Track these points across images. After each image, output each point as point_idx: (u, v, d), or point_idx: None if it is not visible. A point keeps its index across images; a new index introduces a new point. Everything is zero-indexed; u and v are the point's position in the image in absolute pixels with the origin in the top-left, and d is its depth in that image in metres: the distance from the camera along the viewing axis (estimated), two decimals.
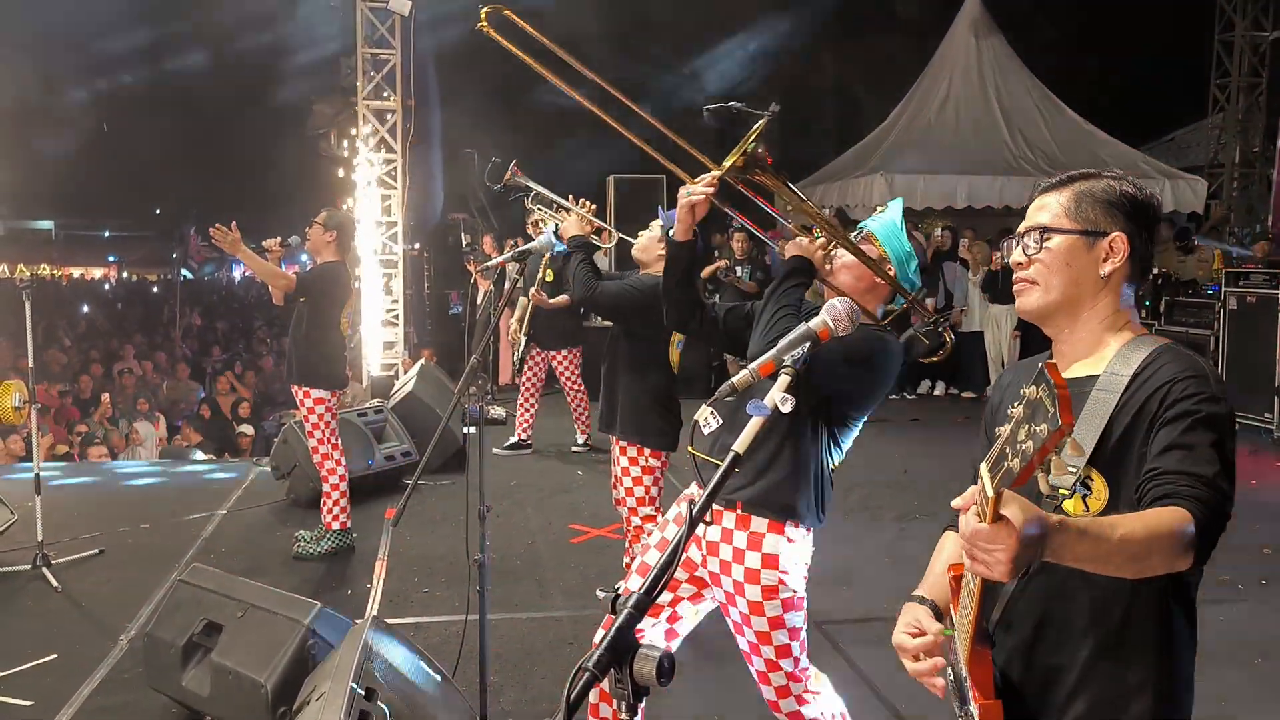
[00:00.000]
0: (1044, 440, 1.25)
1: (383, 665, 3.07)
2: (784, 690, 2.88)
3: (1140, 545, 1.45)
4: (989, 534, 1.36)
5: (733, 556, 2.78)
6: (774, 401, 1.57)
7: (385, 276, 10.92)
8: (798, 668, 2.86)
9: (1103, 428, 1.65)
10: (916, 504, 6.80)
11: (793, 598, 2.79)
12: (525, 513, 6.60)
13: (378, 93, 10.65)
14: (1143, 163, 12.90)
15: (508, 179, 4.27)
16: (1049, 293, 1.76)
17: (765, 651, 2.83)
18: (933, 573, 1.97)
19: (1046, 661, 1.72)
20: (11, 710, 3.90)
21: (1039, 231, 1.77)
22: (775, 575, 2.75)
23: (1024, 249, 1.79)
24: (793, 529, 2.77)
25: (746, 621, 2.80)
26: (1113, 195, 1.76)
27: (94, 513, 6.51)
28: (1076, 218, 1.76)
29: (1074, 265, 1.74)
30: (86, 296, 25.93)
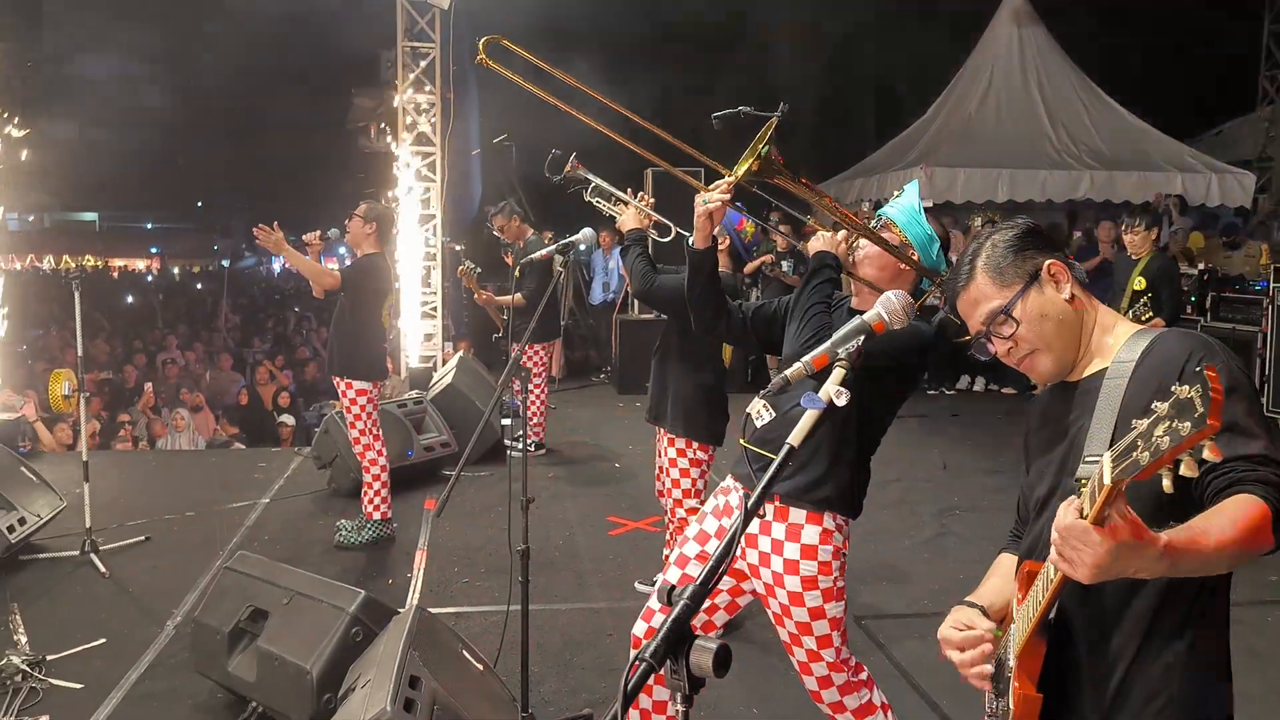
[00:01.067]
0: (1185, 437, 1.24)
1: (426, 653, 3.09)
2: (826, 681, 2.88)
3: (1236, 546, 1.47)
4: (1082, 532, 1.38)
5: (771, 548, 2.79)
6: (829, 395, 1.56)
7: (424, 269, 10.99)
8: (839, 658, 2.86)
9: (1117, 412, 1.66)
10: (956, 499, 6.75)
11: (832, 588, 2.80)
12: (563, 505, 6.63)
13: (417, 86, 10.71)
14: (1189, 156, 12.69)
15: (568, 171, 4.27)
16: (1052, 349, 1.80)
17: (806, 642, 2.83)
18: (985, 585, 1.98)
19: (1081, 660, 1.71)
20: (62, 693, 3.98)
21: (1000, 316, 1.80)
22: (814, 566, 2.75)
23: (1000, 338, 1.82)
24: (830, 520, 2.78)
25: (786, 613, 2.81)
26: (1008, 245, 1.83)
27: (140, 500, 6.62)
28: (1008, 282, 1.81)
29: (1048, 313, 1.79)
30: (130, 287, 26.32)
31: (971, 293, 1.84)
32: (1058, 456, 1.79)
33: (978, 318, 1.84)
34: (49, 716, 3.78)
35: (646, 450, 6.55)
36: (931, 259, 2.87)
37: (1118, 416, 1.66)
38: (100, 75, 24.19)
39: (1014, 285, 1.80)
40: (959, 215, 12.45)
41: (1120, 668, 1.67)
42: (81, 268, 27.31)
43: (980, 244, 1.87)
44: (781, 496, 2.78)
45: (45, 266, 33.26)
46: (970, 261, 1.86)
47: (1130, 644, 1.67)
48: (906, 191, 3.01)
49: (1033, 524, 1.86)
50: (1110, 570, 1.39)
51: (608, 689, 4.03)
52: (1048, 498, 1.80)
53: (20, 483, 5.63)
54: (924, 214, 2.93)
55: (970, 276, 1.85)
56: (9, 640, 4.40)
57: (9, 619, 4.63)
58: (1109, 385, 1.70)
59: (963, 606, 1.89)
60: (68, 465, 6.86)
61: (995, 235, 1.86)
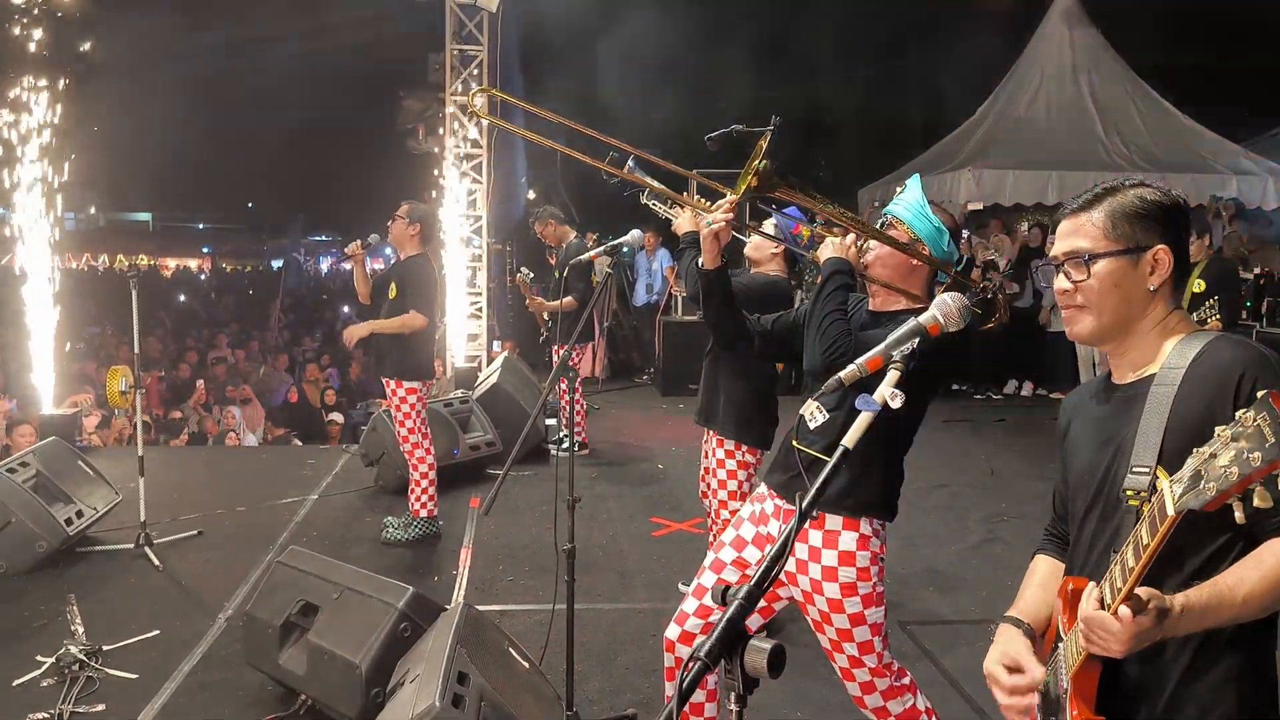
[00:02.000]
0: (1256, 468, 1.22)
1: (474, 650, 3.12)
2: (869, 686, 2.86)
3: (1264, 598, 1.51)
4: (1101, 623, 1.48)
5: (809, 555, 2.77)
6: (884, 397, 1.56)
7: (470, 270, 11.08)
8: (881, 663, 2.84)
9: (1165, 423, 1.63)
10: (1004, 505, 6.67)
11: (872, 594, 2.77)
12: (607, 505, 6.65)
13: (465, 88, 10.80)
14: (1245, 159, 12.41)
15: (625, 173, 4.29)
16: (1101, 317, 1.75)
17: (848, 649, 2.81)
18: (1024, 595, 1.95)
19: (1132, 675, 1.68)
20: (117, 683, 4.07)
21: (1082, 257, 1.73)
22: (853, 572, 2.73)
23: (1067, 276, 1.76)
24: (868, 525, 2.75)
25: (826, 620, 2.79)
26: (1145, 207, 1.74)
27: (192, 495, 6.74)
28: (1116, 237, 1.73)
29: (1122, 286, 1.73)
30: (184, 287, 26.80)
31: (1079, 221, 1.77)
32: (1102, 465, 1.76)
33: (1064, 246, 1.78)
34: (105, 705, 3.87)
35: (690, 452, 6.56)
36: (943, 250, 2.82)
37: (1166, 425, 1.63)
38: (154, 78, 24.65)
39: (1118, 243, 1.73)
40: (1007, 218, 12.30)
41: (1171, 682, 1.64)
42: (136, 267, 27.87)
43: (1123, 186, 1.78)
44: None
45: (100, 265, 34.00)
46: (1101, 195, 1.78)
47: (1181, 657, 1.64)
48: (909, 187, 2.95)
49: (1077, 538, 1.82)
50: (1140, 646, 1.48)
51: (651, 689, 4.04)
52: (1089, 509, 1.77)
53: (78, 476, 5.77)
54: (930, 207, 2.87)
55: (1089, 207, 1.77)
56: (66, 630, 4.51)
57: (66, 609, 4.74)
58: (1157, 393, 1.66)
59: (1009, 628, 1.85)
60: (123, 460, 7.00)
61: (1143, 188, 1.77)
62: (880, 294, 2.88)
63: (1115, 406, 1.76)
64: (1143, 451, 1.64)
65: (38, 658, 4.18)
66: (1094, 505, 1.77)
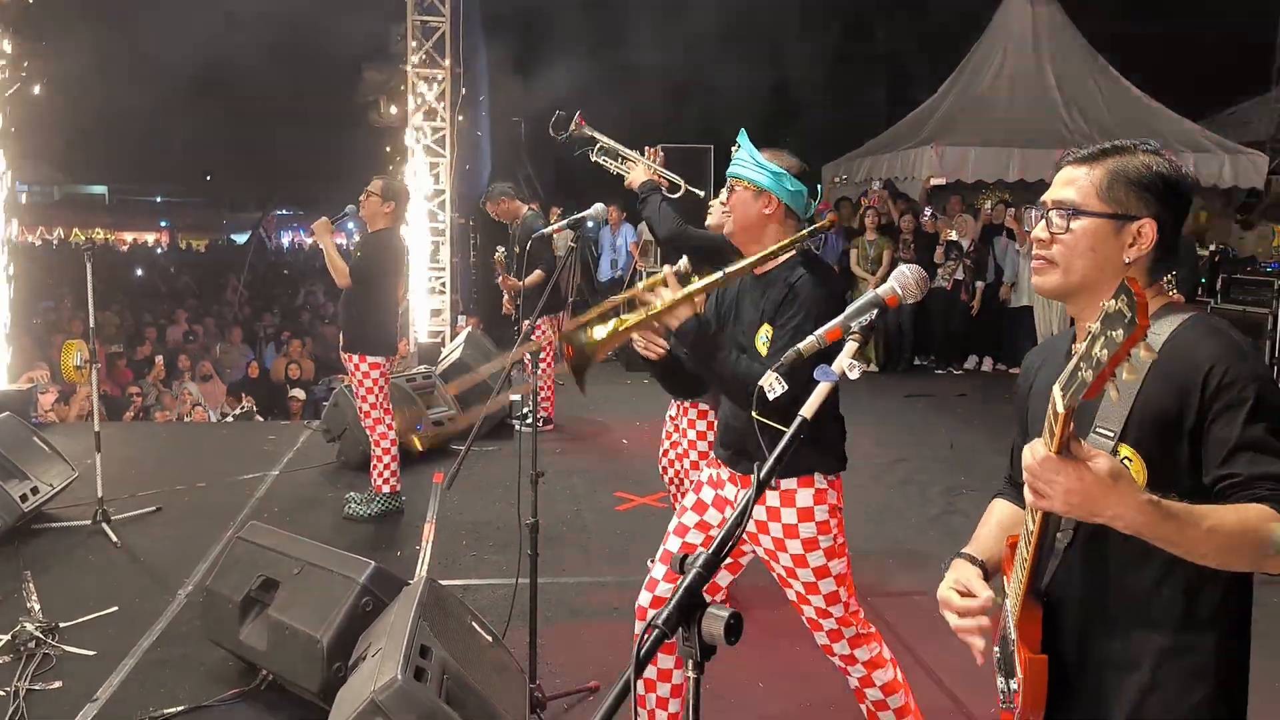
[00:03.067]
0: (1119, 344, 1.26)
1: (436, 624, 3.12)
2: (836, 634, 2.95)
3: (1228, 538, 1.46)
4: (1052, 464, 1.40)
5: (768, 515, 2.85)
6: (842, 368, 1.57)
7: (433, 245, 11.00)
8: (848, 611, 2.94)
9: (1134, 396, 1.61)
10: (963, 479, 6.76)
11: (833, 545, 2.86)
12: (570, 480, 6.65)
13: (428, 60, 10.67)
14: (1202, 136, 12.60)
15: (574, 130, 4.29)
16: (1069, 275, 1.70)
17: (814, 600, 2.91)
18: (980, 534, 1.97)
19: (1100, 647, 1.69)
20: (75, 659, 4.02)
21: (1067, 209, 1.70)
22: (813, 527, 2.82)
23: (1048, 224, 1.72)
24: (821, 479, 2.83)
25: (791, 574, 2.88)
26: (1146, 176, 1.68)
27: (151, 471, 6.66)
28: (1107, 199, 1.68)
29: (1098, 250, 1.68)
30: (141, 261, 26.36)
31: (1078, 173, 1.72)
32: None
33: (1055, 193, 1.73)
34: (62, 683, 3.83)
35: (653, 427, 6.57)
36: (785, 189, 2.82)
37: (1133, 403, 1.60)
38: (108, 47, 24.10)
39: (1107, 205, 1.68)
40: (969, 195, 12.40)
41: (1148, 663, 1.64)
42: (91, 240, 27.36)
43: (1135, 148, 1.72)
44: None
45: (55, 239, 33.33)
46: (1109, 151, 1.72)
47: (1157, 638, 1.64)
48: (740, 145, 2.93)
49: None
50: (1085, 504, 1.41)
51: (615, 661, 4.06)
52: None
53: (33, 452, 5.67)
54: (764, 154, 2.87)
55: (1091, 161, 1.72)
56: (22, 607, 4.45)
57: (22, 586, 4.68)
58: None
59: (962, 562, 1.86)
60: (79, 436, 6.90)
61: (1153, 157, 1.71)
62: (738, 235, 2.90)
63: None
64: (1108, 415, 1.62)
65: None
66: None
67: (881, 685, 2.99)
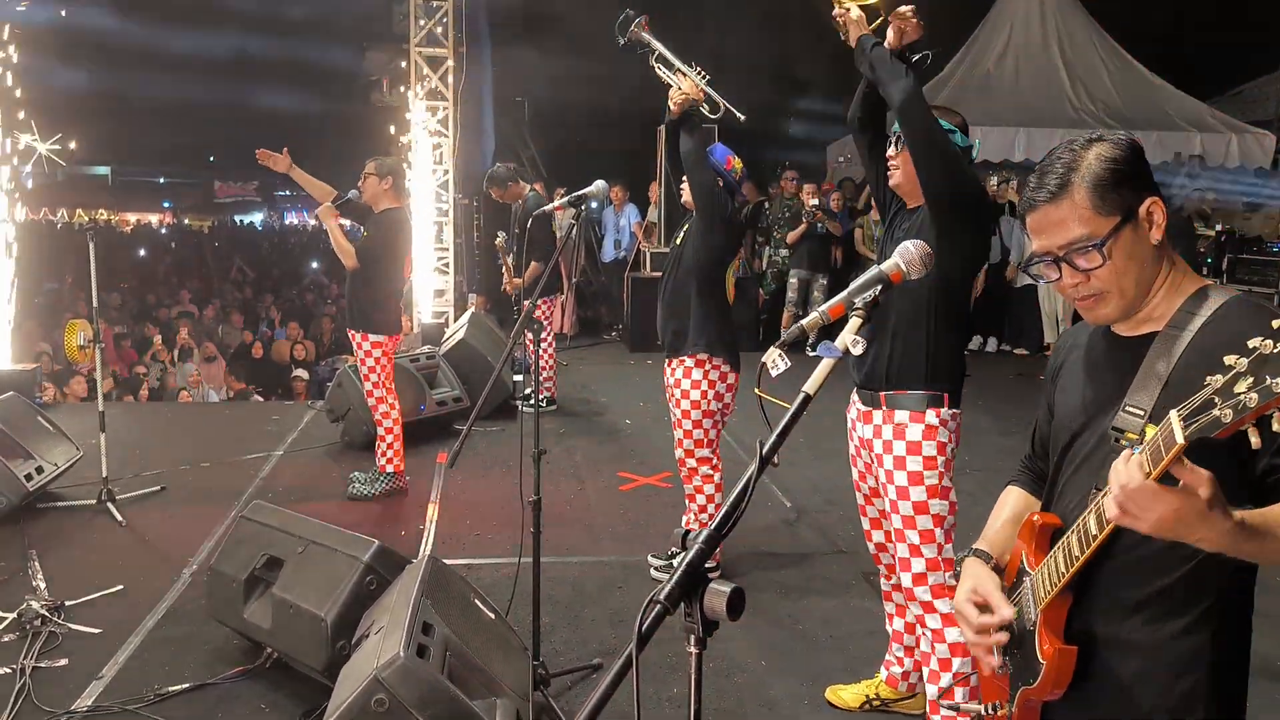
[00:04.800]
0: (1276, 394, 1.18)
1: (439, 601, 3.13)
2: (921, 578, 3.06)
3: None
4: (1151, 494, 1.35)
5: (883, 449, 3.06)
6: (845, 344, 1.56)
7: (436, 225, 10.97)
8: (940, 556, 3.04)
9: (1168, 373, 1.57)
10: (967, 458, 6.71)
11: (937, 485, 3.00)
12: (574, 460, 6.66)
13: (431, 39, 10.61)
14: (1209, 116, 12.52)
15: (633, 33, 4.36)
16: (1126, 295, 1.63)
17: (909, 536, 3.04)
18: (992, 527, 1.94)
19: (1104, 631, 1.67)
20: (80, 638, 4.04)
21: (1085, 245, 1.60)
22: (919, 461, 2.99)
23: (1073, 267, 1.63)
24: (933, 415, 3.00)
25: (894, 508, 3.04)
26: (1119, 167, 1.61)
27: (155, 451, 6.67)
28: (1110, 211, 1.60)
29: (1136, 255, 1.61)
30: (144, 242, 26.36)
31: (1062, 209, 1.61)
32: (1093, 403, 1.71)
33: (1058, 240, 1.62)
34: (67, 660, 3.85)
35: (658, 407, 6.56)
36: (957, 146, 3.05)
37: (1169, 375, 1.56)
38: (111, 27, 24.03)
39: (1112, 217, 1.60)
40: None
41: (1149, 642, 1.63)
42: (94, 221, 27.37)
43: (1080, 154, 1.63)
44: (887, 398, 3.04)
45: (59, 220, 33.31)
46: (1066, 173, 1.62)
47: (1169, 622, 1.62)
48: None
49: (1054, 475, 1.79)
50: (1175, 531, 1.38)
51: (617, 640, 4.08)
52: (1071, 445, 1.74)
53: (37, 432, 5.69)
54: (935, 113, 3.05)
55: (1065, 191, 1.61)
56: (28, 585, 4.47)
57: (28, 565, 4.70)
58: (1167, 336, 1.60)
59: (977, 564, 1.82)
60: (84, 415, 6.91)
61: (1102, 148, 1.63)
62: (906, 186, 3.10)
63: (1117, 352, 1.69)
64: (1140, 392, 1.58)
65: None
66: (1077, 442, 1.72)
67: (951, 644, 3.02)
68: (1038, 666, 1.66)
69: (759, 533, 5.28)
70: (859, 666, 3.78)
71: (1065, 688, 1.66)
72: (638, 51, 4.51)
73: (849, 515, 5.53)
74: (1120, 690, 1.65)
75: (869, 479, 3.25)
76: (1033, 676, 1.67)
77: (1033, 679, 1.67)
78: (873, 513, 3.34)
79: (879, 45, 2.99)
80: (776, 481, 6.10)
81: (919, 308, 2.98)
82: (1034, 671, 1.67)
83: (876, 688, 3.56)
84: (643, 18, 4.46)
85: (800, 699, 3.66)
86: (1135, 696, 1.64)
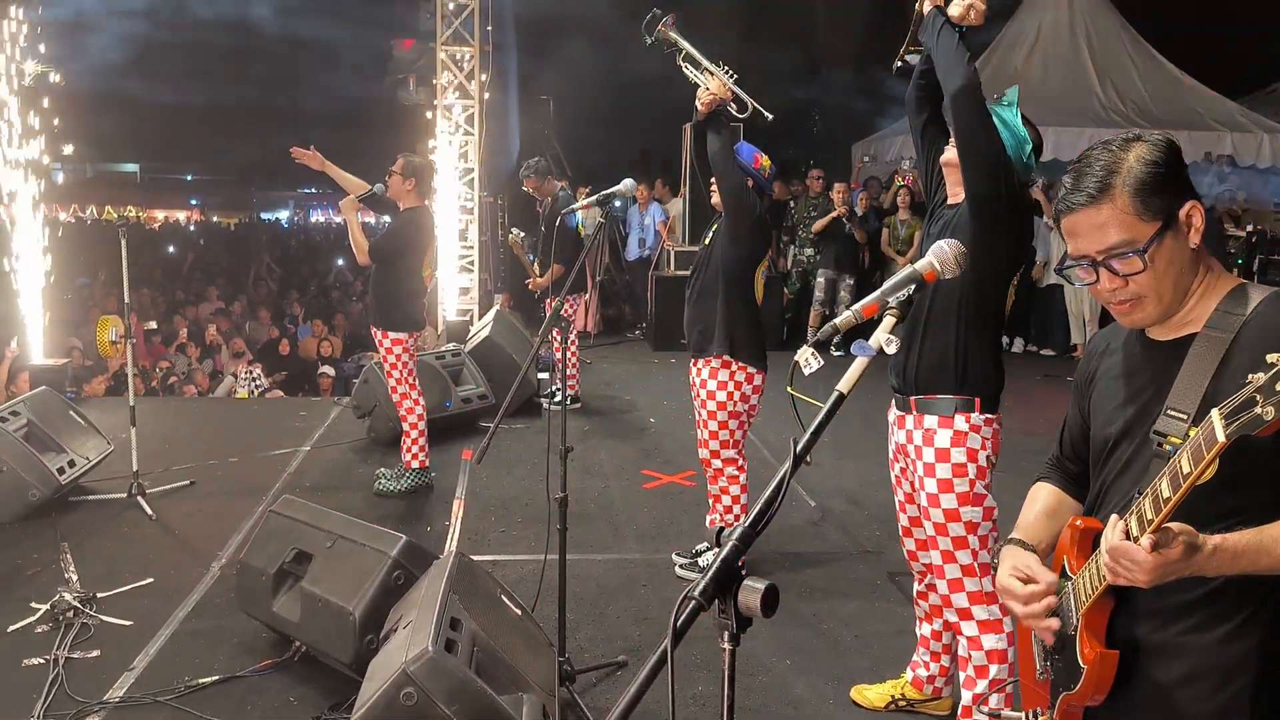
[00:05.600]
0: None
1: (466, 597, 3.15)
2: (957, 584, 3.02)
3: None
4: (1127, 553, 1.46)
5: (915, 454, 3.03)
6: (879, 343, 1.56)
7: (462, 223, 11.02)
8: (976, 561, 3.00)
9: (1214, 370, 1.55)
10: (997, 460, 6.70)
11: (968, 491, 2.95)
12: (598, 458, 6.67)
13: (456, 38, 10.65)
14: (1240, 115, 12.37)
15: (660, 31, 4.37)
16: (1163, 299, 1.62)
17: (942, 543, 3.01)
18: (1026, 519, 1.93)
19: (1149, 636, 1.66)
20: (112, 629, 4.09)
21: (1126, 251, 1.58)
22: (948, 469, 2.95)
23: (1110, 273, 1.61)
24: (962, 420, 2.95)
25: (926, 514, 3.01)
26: (1160, 170, 1.58)
27: (184, 446, 6.74)
28: (1153, 216, 1.58)
29: (1175, 261, 1.60)
30: (172, 239, 26.59)
31: (1104, 213, 1.58)
32: (1134, 407, 1.69)
33: (1097, 244, 1.60)
34: (100, 651, 3.90)
35: (682, 406, 6.58)
36: (1021, 162, 2.99)
37: (1214, 373, 1.55)
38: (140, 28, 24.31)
39: (1154, 221, 1.57)
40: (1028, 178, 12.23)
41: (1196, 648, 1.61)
42: (124, 218, 27.63)
43: (1119, 155, 1.60)
44: (917, 403, 3.01)
45: (88, 217, 33.68)
46: (1107, 175, 1.58)
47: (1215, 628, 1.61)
48: (1007, 94, 3.10)
49: (1097, 479, 1.78)
50: (1165, 580, 1.47)
51: (641, 637, 4.09)
52: (1113, 450, 1.73)
53: (69, 426, 5.76)
54: (1020, 117, 3.03)
55: (1108, 194, 1.58)
56: (60, 578, 4.53)
57: (60, 558, 4.76)
58: (1208, 337, 1.59)
59: (1015, 548, 1.81)
60: (115, 410, 6.99)
61: (1142, 149, 1.59)
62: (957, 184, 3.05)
63: (1155, 355, 1.68)
64: (1182, 396, 1.57)
65: (32, 604, 4.20)
66: (1118, 447, 1.71)
67: (988, 650, 3.00)
68: (1079, 672, 1.65)
69: (784, 533, 5.28)
70: (884, 667, 3.77)
71: (1106, 693, 1.64)
72: (665, 50, 4.51)
73: (874, 516, 5.53)
74: (1162, 696, 1.64)
75: (904, 483, 3.23)
76: (1074, 682, 1.67)
77: (1074, 684, 1.67)
78: (909, 516, 3.32)
79: (949, 26, 2.94)
80: (801, 482, 6.09)
81: (949, 310, 2.95)
82: (1075, 677, 1.66)
83: (902, 688, 3.56)
84: (669, 16, 4.47)
85: (825, 698, 3.66)
86: (1177, 702, 1.62)
